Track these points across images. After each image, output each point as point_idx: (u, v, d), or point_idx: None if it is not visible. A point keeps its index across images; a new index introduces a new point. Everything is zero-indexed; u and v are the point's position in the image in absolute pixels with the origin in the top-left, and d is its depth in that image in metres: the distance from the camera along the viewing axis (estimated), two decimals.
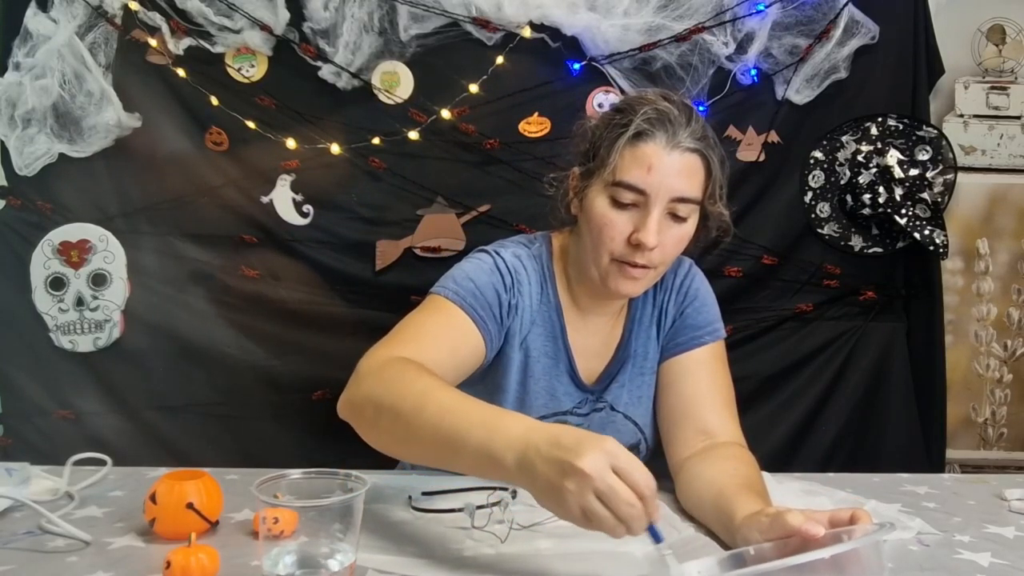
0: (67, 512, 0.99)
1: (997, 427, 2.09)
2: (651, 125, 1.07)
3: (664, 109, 1.09)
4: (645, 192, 1.07)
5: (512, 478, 0.79)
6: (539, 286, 1.19)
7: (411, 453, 0.96)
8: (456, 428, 0.84)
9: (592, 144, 1.14)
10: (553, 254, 1.22)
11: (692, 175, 1.09)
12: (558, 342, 1.20)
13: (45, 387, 1.97)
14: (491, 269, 1.16)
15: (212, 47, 1.90)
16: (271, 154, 1.93)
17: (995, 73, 2.03)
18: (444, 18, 1.88)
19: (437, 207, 1.95)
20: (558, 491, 0.74)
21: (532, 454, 0.76)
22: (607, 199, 1.10)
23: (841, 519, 0.81)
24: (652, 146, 1.07)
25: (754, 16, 1.89)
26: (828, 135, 1.98)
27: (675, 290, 1.24)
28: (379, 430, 0.94)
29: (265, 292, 1.98)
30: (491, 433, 0.81)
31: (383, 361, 0.99)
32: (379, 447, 0.97)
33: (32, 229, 1.95)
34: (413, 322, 1.10)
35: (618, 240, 1.09)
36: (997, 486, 1.15)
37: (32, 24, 1.88)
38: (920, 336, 2.01)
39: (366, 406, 0.95)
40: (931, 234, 1.92)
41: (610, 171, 1.08)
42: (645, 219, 1.07)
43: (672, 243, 1.10)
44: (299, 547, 0.79)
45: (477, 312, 1.11)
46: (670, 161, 1.07)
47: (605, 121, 1.14)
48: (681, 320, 1.23)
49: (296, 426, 1.99)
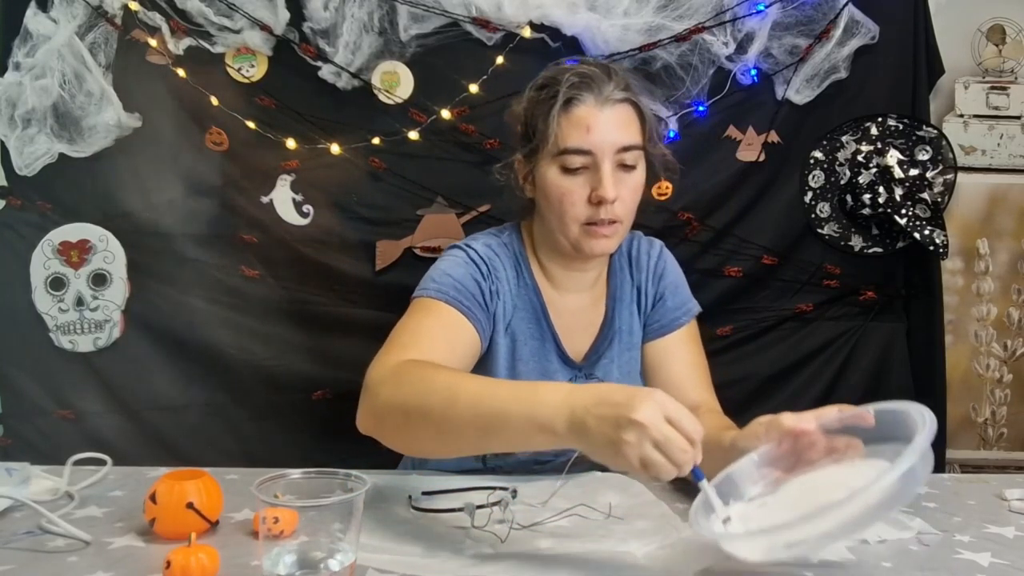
0: (67, 512, 0.99)
1: (997, 427, 2.09)
2: (578, 89, 1.13)
3: (585, 71, 1.14)
4: (591, 152, 1.12)
5: (563, 442, 0.82)
6: (514, 271, 1.24)
7: (449, 446, 0.95)
8: (495, 409, 0.86)
9: (527, 125, 1.19)
10: (524, 241, 1.27)
11: (628, 124, 1.15)
12: (541, 323, 1.24)
13: (45, 387, 1.97)
14: (465, 261, 1.20)
15: (212, 47, 1.90)
16: (271, 154, 1.93)
17: (995, 73, 2.03)
18: (444, 18, 1.88)
19: (437, 207, 1.95)
20: (616, 444, 0.78)
21: (582, 415, 0.80)
22: (557, 169, 1.15)
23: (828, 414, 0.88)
24: (584, 108, 1.12)
25: (754, 16, 1.89)
26: (828, 135, 1.98)
27: (650, 270, 1.30)
28: (410, 433, 0.95)
29: (265, 292, 1.98)
30: (533, 406, 0.84)
31: (392, 367, 1.00)
32: (411, 450, 1.01)
33: (32, 229, 1.95)
34: (406, 327, 1.12)
35: (579, 204, 1.14)
36: (997, 486, 1.15)
37: (32, 24, 1.88)
38: (920, 336, 2.01)
39: (391, 413, 0.96)
40: (931, 234, 1.92)
41: (552, 143, 1.14)
42: (599, 176, 1.12)
43: (629, 192, 1.16)
44: (299, 547, 0.79)
45: (463, 304, 1.14)
46: (604, 116, 1.12)
47: (532, 100, 1.19)
48: (661, 303, 1.30)
49: (296, 426, 1.99)
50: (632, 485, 1.13)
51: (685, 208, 1.95)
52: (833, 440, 0.88)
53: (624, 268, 1.30)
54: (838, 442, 0.88)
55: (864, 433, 0.86)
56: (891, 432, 0.79)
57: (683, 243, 1.97)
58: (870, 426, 0.85)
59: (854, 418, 0.87)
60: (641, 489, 1.12)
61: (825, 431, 0.88)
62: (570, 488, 1.09)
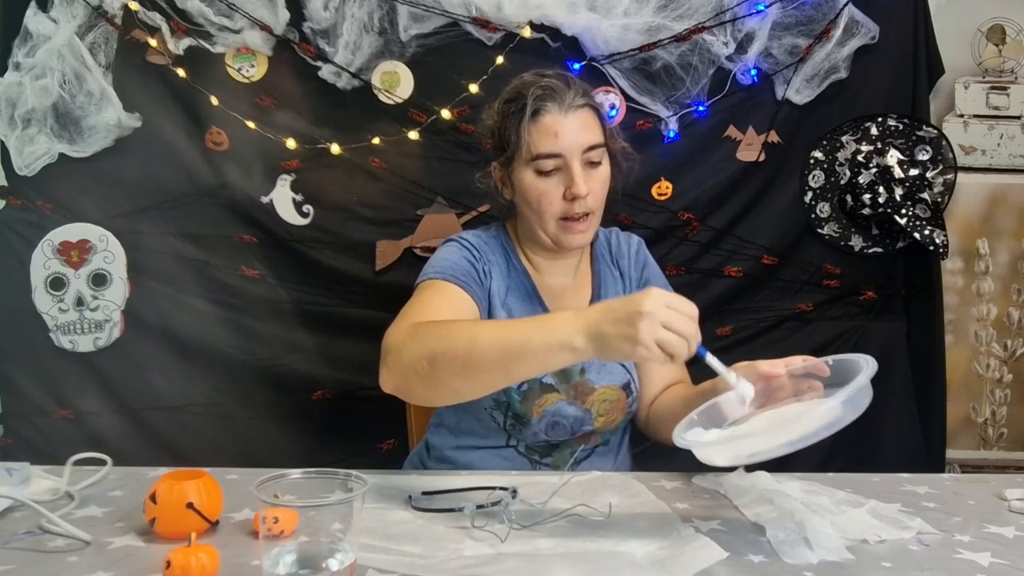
0: (67, 512, 0.99)
1: (997, 427, 2.09)
2: (543, 100, 1.26)
3: (547, 84, 1.27)
4: (561, 155, 1.25)
5: (583, 355, 0.96)
6: (503, 257, 1.37)
7: (476, 382, 1.05)
8: (516, 339, 0.99)
9: (499, 136, 1.32)
10: (509, 236, 1.41)
11: (590, 125, 1.28)
12: (533, 300, 1.35)
13: (45, 387, 1.97)
14: (459, 248, 1.34)
15: (212, 47, 1.90)
16: (271, 154, 1.93)
17: (995, 73, 2.03)
18: (444, 18, 1.88)
19: (437, 207, 1.95)
20: (632, 337, 0.91)
21: (596, 326, 0.94)
22: (532, 173, 1.28)
23: (794, 362, 1.04)
24: (550, 116, 1.26)
25: (754, 16, 1.89)
26: (828, 135, 1.98)
27: (631, 257, 1.44)
28: (438, 377, 1.04)
29: (265, 292, 1.98)
30: (550, 331, 0.97)
31: (408, 328, 1.11)
32: (439, 395, 1.12)
33: (32, 229, 1.95)
34: (416, 303, 1.23)
35: (556, 202, 1.27)
36: (997, 486, 1.15)
37: (32, 24, 1.88)
38: (920, 336, 2.01)
39: (416, 363, 1.05)
40: (931, 234, 1.92)
41: (526, 150, 1.27)
42: (571, 175, 1.25)
43: (598, 185, 1.29)
44: (299, 547, 0.79)
45: (461, 279, 1.27)
46: (568, 122, 1.26)
47: (502, 113, 1.32)
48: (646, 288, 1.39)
49: (296, 426, 1.99)
50: (632, 485, 1.13)
51: (685, 208, 1.95)
52: (798, 383, 1.04)
53: (606, 256, 1.44)
54: (802, 384, 1.03)
55: (824, 380, 1.01)
56: (844, 378, 0.92)
57: (683, 243, 1.97)
58: (826, 375, 1.01)
59: (815, 367, 1.02)
60: (641, 489, 1.12)
61: (791, 376, 1.04)
62: (570, 488, 1.10)
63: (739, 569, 0.88)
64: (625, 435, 1.42)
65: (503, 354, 0.99)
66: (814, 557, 0.90)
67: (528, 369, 1.03)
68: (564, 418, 1.29)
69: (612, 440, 1.38)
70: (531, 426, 1.29)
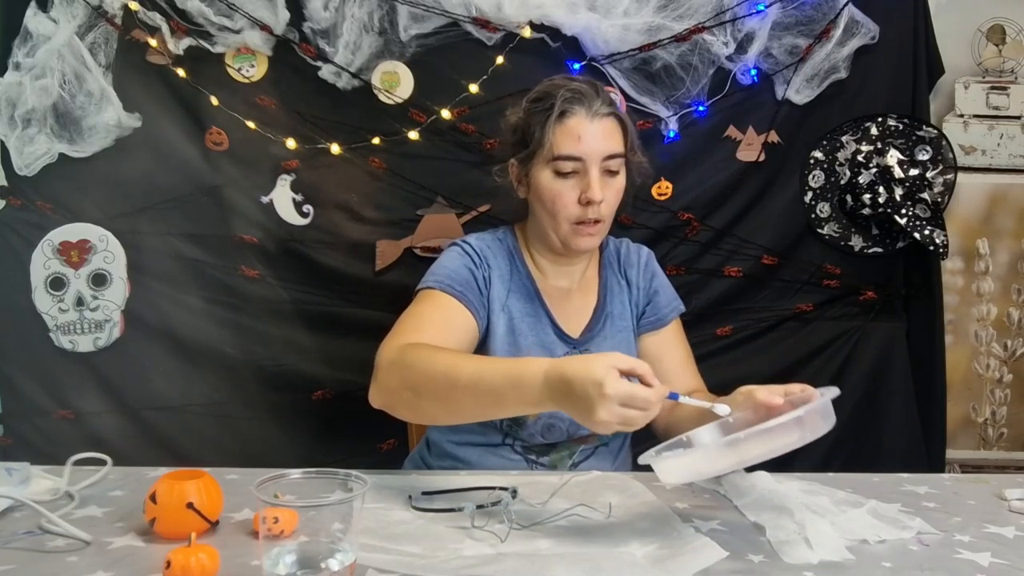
0: (67, 512, 0.99)
1: (997, 427, 2.09)
2: (571, 103, 1.27)
3: (577, 88, 1.29)
4: (582, 159, 1.27)
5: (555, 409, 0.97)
6: (507, 260, 1.38)
7: (458, 417, 1.13)
8: (491, 392, 1.01)
9: (523, 133, 1.33)
10: (517, 238, 1.41)
11: (613, 135, 1.29)
12: (535, 302, 1.36)
13: (45, 387, 1.97)
14: (460, 254, 1.34)
15: (212, 47, 1.90)
16: (271, 154, 1.93)
17: (995, 73, 2.03)
18: (444, 18, 1.88)
19: (437, 207, 1.95)
20: (594, 424, 0.91)
21: (560, 396, 0.94)
22: (551, 173, 1.29)
23: (793, 391, 1.04)
24: (576, 119, 1.27)
25: (754, 16, 1.89)
26: (828, 135, 1.98)
27: (641, 267, 1.44)
28: (422, 409, 1.11)
29: (265, 292, 1.98)
30: (521, 392, 0.98)
31: (399, 350, 1.13)
32: (422, 420, 1.18)
33: (32, 229, 1.95)
34: (411, 315, 1.26)
35: (570, 205, 1.28)
36: (997, 486, 1.15)
37: (32, 24, 1.88)
38: (920, 336, 2.01)
39: (401, 392, 1.10)
40: (931, 234, 1.92)
41: (548, 149, 1.28)
42: (588, 180, 1.27)
43: (613, 194, 1.30)
44: (299, 547, 0.79)
45: (458, 290, 1.28)
46: (594, 128, 1.27)
47: (528, 111, 1.33)
48: (656, 298, 1.44)
49: (296, 426, 1.99)
50: (632, 485, 1.13)
51: (685, 208, 1.95)
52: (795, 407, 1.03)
53: (614, 264, 1.45)
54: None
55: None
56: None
57: (683, 243, 1.97)
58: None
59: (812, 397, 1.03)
60: (641, 489, 1.12)
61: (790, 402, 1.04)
62: (570, 488, 1.10)
63: (739, 569, 0.88)
64: (626, 437, 1.42)
65: (479, 403, 1.03)
66: (814, 557, 0.90)
67: (505, 416, 1.09)
68: (560, 421, 1.30)
69: (613, 442, 1.38)
70: (527, 427, 1.30)
